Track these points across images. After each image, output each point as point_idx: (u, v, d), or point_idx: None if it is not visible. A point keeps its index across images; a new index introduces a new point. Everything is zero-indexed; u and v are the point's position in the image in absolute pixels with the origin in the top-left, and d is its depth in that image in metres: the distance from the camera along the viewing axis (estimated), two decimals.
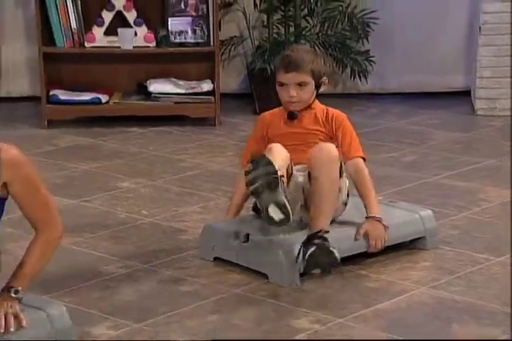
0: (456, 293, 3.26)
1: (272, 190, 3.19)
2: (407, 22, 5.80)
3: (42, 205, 2.79)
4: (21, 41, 5.64)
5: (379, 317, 3.09)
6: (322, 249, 3.24)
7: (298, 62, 3.42)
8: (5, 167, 2.70)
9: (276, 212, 3.22)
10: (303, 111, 3.51)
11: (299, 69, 3.42)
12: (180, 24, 5.34)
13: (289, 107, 3.49)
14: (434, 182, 4.44)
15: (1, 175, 2.70)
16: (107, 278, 3.38)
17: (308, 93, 3.46)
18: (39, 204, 2.78)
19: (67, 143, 5.06)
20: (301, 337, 2.95)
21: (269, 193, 3.20)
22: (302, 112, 3.51)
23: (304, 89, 3.45)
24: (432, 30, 5.83)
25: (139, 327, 3.01)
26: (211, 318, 3.08)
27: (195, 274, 3.41)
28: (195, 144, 5.06)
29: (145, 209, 4.08)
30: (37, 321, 2.75)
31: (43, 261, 2.82)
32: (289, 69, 3.42)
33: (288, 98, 3.45)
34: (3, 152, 2.71)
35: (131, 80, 5.49)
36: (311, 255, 3.22)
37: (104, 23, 5.32)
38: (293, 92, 3.43)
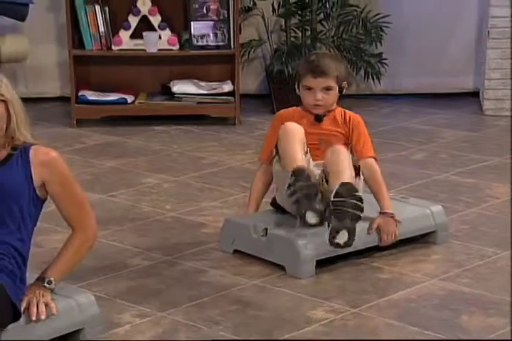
0: (465, 285, 3.26)
1: (310, 200, 3.22)
2: (418, 26, 5.78)
3: (78, 206, 2.81)
4: (52, 44, 5.65)
5: (391, 307, 3.10)
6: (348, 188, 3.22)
7: (325, 68, 3.44)
8: (44, 168, 2.73)
9: (312, 217, 3.26)
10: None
11: (327, 75, 3.43)
12: (203, 28, 5.35)
13: (313, 110, 3.50)
14: (443, 179, 4.43)
15: (41, 175, 2.73)
16: (133, 269, 3.40)
17: (332, 97, 3.48)
18: (76, 205, 2.80)
19: (95, 141, 5.07)
20: (316, 326, 2.95)
21: (307, 202, 3.23)
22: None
23: (329, 93, 3.46)
24: (443, 33, 5.82)
25: (163, 316, 3.02)
26: (231, 308, 3.09)
27: (216, 266, 3.42)
28: (216, 142, 5.06)
29: (168, 204, 4.09)
30: (67, 309, 2.77)
31: (77, 258, 2.84)
32: (317, 74, 3.43)
33: (314, 101, 3.46)
34: (43, 154, 2.75)
35: (156, 81, 5.50)
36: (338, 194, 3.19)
37: (131, 27, 5.32)
38: (319, 96, 3.44)
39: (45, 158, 2.74)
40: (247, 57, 5.70)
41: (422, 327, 2.94)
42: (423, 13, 5.76)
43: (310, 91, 3.46)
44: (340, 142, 3.48)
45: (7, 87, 2.68)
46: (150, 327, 2.95)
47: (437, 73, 5.86)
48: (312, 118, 3.52)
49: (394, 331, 2.93)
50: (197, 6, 5.34)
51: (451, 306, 3.10)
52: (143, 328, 2.94)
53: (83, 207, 2.83)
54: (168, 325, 2.96)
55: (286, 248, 3.34)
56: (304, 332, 2.92)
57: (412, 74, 5.87)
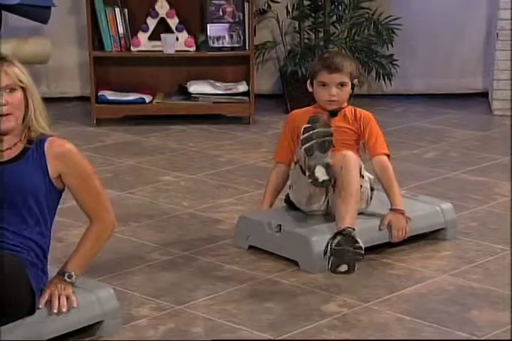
0: (474, 281, 3.25)
1: (323, 151, 3.23)
2: (429, 28, 5.77)
3: (95, 198, 2.80)
4: (73, 46, 5.67)
5: (402, 302, 3.09)
6: (348, 239, 3.22)
7: (340, 64, 3.45)
8: (61, 160, 2.72)
9: (321, 172, 3.25)
10: None
11: (341, 71, 3.44)
12: (219, 30, 5.35)
13: (327, 106, 3.49)
14: (453, 177, 4.42)
15: (57, 167, 2.72)
16: (151, 264, 3.40)
17: (346, 93, 3.48)
18: (92, 196, 2.79)
19: (114, 140, 5.08)
20: (329, 320, 2.95)
21: (320, 154, 3.23)
22: None
23: (343, 89, 3.46)
24: (452, 35, 5.81)
25: (181, 309, 3.03)
26: (247, 301, 3.09)
27: (232, 261, 3.42)
28: (231, 141, 5.07)
29: (185, 201, 4.09)
30: (87, 302, 2.78)
31: (95, 249, 2.84)
32: (333, 70, 3.43)
33: (329, 97, 3.46)
34: (59, 146, 2.73)
35: (173, 82, 5.51)
36: (338, 244, 3.21)
37: (149, 29, 5.33)
38: (334, 92, 3.45)
39: (60, 150, 2.72)
40: (262, 59, 5.70)
41: (432, 321, 2.94)
42: (433, 16, 5.75)
43: (324, 87, 3.46)
44: (352, 139, 3.47)
45: (26, 75, 2.67)
46: (167, 320, 2.95)
47: (447, 74, 5.86)
48: (325, 116, 3.51)
49: (404, 325, 2.93)
50: (213, 8, 5.35)
51: (460, 301, 3.09)
52: (160, 321, 2.94)
53: (100, 198, 2.81)
54: (185, 318, 2.96)
55: (300, 244, 3.34)
56: (318, 326, 2.92)
57: (423, 75, 5.86)
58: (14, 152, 2.71)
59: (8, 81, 2.61)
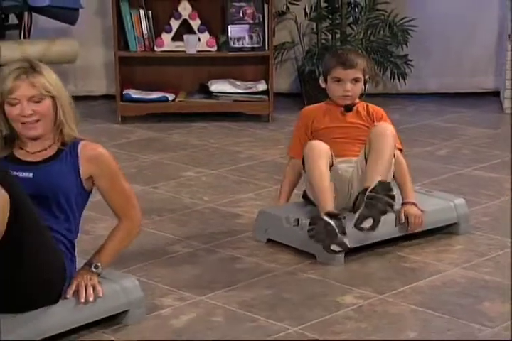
0: (486, 274, 3.24)
1: (332, 237, 3.19)
2: (442, 29, 5.75)
3: (124, 198, 2.83)
4: (100, 46, 5.69)
5: (416, 294, 3.08)
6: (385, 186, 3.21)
7: (354, 60, 3.45)
8: (93, 162, 2.75)
9: (336, 247, 3.22)
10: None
11: (355, 67, 3.44)
12: (239, 31, 5.35)
13: (342, 101, 3.49)
14: (466, 174, 4.40)
15: (88, 170, 2.75)
16: (173, 256, 3.41)
17: (359, 88, 3.48)
18: (121, 197, 2.82)
19: (139, 137, 5.09)
20: (345, 311, 2.95)
21: (330, 239, 3.19)
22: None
23: (357, 85, 3.46)
24: (465, 36, 5.79)
25: (202, 300, 3.03)
26: (265, 292, 3.09)
27: (251, 254, 3.42)
28: (251, 138, 5.07)
29: (206, 196, 4.10)
30: (113, 292, 2.80)
31: (123, 245, 2.87)
32: (347, 66, 3.43)
33: (343, 92, 3.45)
34: (91, 150, 2.76)
35: (195, 81, 5.51)
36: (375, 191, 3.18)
37: (172, 30, 5.34)
38: (349, 87, 3.44)
39: (93, 154, 2.75)
40: (280, 59, 5.70)
41: (445, 312, 2.93)
42: (446, 17, 5.73)
43: (339, 83, 3.45)
44: (365, 134, 3.45)
45: (56, 83, 2.69)
46: (189, 309, 2.96)
47: (460, 74, 5.84)
48: (338, 111, 3.50)
49: (418, 316, 2.92)
50: (234, 10, 5.35)
51: (472, 293, 3.09)
52: (183, 311, 2.95)
53: (129, 198, 2.84)
54: (206, 308, 2.97)
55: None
56: (334, 316, 2.91)
57: (436, 74, 5.84)
58: (48, 153, 2.74)
59: (34, 92, 2.64)
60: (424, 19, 5.64)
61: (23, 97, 2.63)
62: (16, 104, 2.65)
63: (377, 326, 2.85)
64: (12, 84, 2.62)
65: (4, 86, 2.63)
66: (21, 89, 2.63)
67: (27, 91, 2.63)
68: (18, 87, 2.63)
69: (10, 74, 2.64)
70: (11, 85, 2.62)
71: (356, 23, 5.62)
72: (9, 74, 2.64)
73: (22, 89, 2.63)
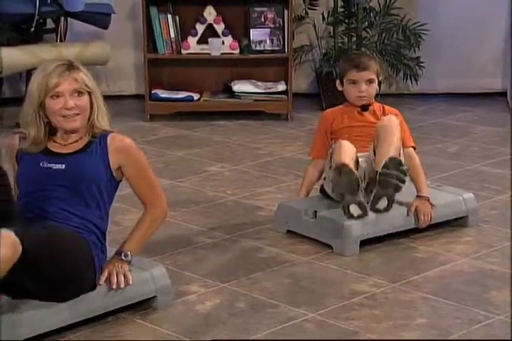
0: (493, 264, 3.23)
1: (353, 193, 3.20)
2: (452, 33, 5.73)
3: (150, 187, 2.83)
4: (130, 49, 5.70)
5: (427, 282, 3.08)
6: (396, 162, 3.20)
7: (367, 62, 3.45)
8: (121, 153, 2.75)
9: (355, 209, 3.24)
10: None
11: (369, 69, 3.43)
12: (260, 34, 5.35)
13: (358, 102, 3.48)
14: (474, 170, 4.38)
15: (117, 160, 2.75)
16: (198, 246, 3.41)
17: (374, 89, 3.47)
18: (147, 186, 2.83)
19: (166, 134, 5.10)
20: (360, 298, 2.94)
21: (351, 196, 3.21)
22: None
23: (371, 85, 3.45)
24: (474, 40, 5.76)
25: (225, 287, 3.04)
26: (285, 280, 3.10)
27: (271, 244, 3.42)
28: (271, 135, 5.06)
29: (229, 189, 4.10)
30: (142, 280, 2.81)
31: (150, 233, 2.87)
32: (361, 68, 3.42)
33: (359, 93, 3.44)
34: (120, 140, 2.77)
35: (219, 81, 5.51)
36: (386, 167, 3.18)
37: (198, 33, 5.34)
38: (363, 88, 3.43)
39: (121, 145, 2.76)
40: (299, 61, 5.69)
41: (454, 300, 2.93)
42: (456, 22, 5.70)
43: (354, 85, 3.44)
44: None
45: (91, 80, 2.72)
46: (213, 296, 2.97)
47: (469, 75, 5.81)
48: (355, 111, 3.50)
49: (428, 304, 2.92)
50: (256, 15, 5.35)
51: (480, 282, 3.07)
52: (207, 297, 2.96)
53: (155, 188, 2.85)
54: (229, 295, 2.98)
55: (334, 229, 3.33)
56: (349, 303, 2.91)
57: (446, 75, 5.82)
58: (80, 144, 2.75)
59: (76, 86, 2.67)
60: (436, 24, 5.62)
61: (67, 91, 2.65)
62: (57, 98, 2.66)
63: (390, 313, 2.85)
64: (57, 79, 2.64)
65: (49, 81, 2.64)
66: (65, 84, 2.65)
67: (70, 85, 2.65)
68: (62, 82, 2.65)
69: (54, 70, 2.66)
70: (56, 80, 2.64)
71: (371, 27, 5.60)
72: (53, 71, 2.66)
73: (66, 84, 2.65)
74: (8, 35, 5.17)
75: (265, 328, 2.74)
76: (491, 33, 5.75)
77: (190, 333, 2.71)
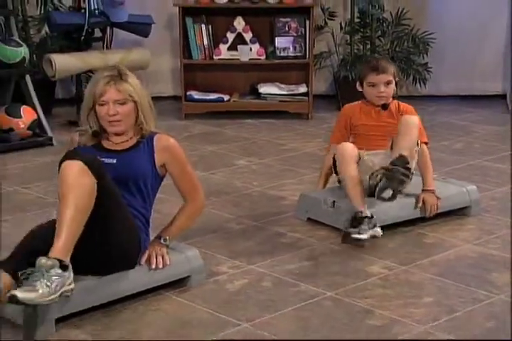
0: (494, 249, 3.21)
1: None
2: (457, 41, 5.68)
3: (190, 183, 2.85)
4: (168, 55, 5.69)
5: (434, 265, 3.07)
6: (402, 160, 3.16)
7: (385, 67, 3.41)
8: (166, 152, 2.78)
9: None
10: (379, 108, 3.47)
11: (387, 72, 3.40)
12: (284, 42, 5.33)
13: (378, 102, 3.45)
14: (477, 165, 4.35)
15: (162, 158, 2.78)
16: (228, 231, 3.42)
17: (391, 89, 3.44)
18: (188, 181, 2.84)
19: (199, 131, 5.10)
20: (373, 279, 2.94)
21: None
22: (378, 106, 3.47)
23: (389, 86, 3.42)
24: (476, 47, 5.71)
25: (252, 268, 3.04)
26: (305, 263, 3.10)
27: (293, 230, 3.42)
28: (293, 133, 5.05)
29: (255, 181, 4.09)
30: (178, 261, 2.82)
31: (187, 223, 2.90)
32: (380, 71, 3.39)
33: (378, 94, 3.42)
34: (165, 140, 2.79)
35: (246, 84, 5.51)
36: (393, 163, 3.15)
37: (228, 41, 5.33)
38: (382, 89, 3.40)
39: (166, 144, 2.79)
40: (319, 66, 5.66)
41: (458, 281, 2.91)
42: (461, 31, 5.66)
43: (374, 87, 3.41)
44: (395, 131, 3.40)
45: (138, 88, 2.73)
46: (241, 276, 2.97)
47: (472, 79, 5.77)
48: (373, 111, 3.47)
49: (434, 284, 2.91)
50: (280, 24, 5.33)
51: (482, 266, 3.06)
52: (236, 277, 2.96)
53: (194, 183, 2.87)
54: (255, 275, 2.98)
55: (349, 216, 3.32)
56: (364, 284, 2.91)
57: (452, 79, 5.77)
58: (129, 143, 2.78)
59: (119, 97, 2.68)
60: (442, 33, 5.58)
61: (110, 100, 2.67)
62: (104, 105, 2.68)
63: (400, 292, 2.84)
64: (102, 88, 2.67)
65: (96, 89, 2.67)
66: (109, 94, 2.67)
67: (113, 95, 2.67)
68: (107, 92, 2.67)
69: (101, 79, 2.68)
70: (102, 89, 2.67)
71: (384, 36, 5.57)
72: (100, 80, 2.68)
73: (109, 94, 2.67)
74: (61, 43, 5.22)
75: (288, 305, 2.74)
76: (491, 41, 5.69)
77: (220, 309, 2.71)
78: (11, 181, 4.04)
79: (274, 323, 2.62)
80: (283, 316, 2.67)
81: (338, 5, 5.68)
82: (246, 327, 2.59)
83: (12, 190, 3.91)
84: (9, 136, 4.60)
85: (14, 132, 4.61)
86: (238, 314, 2.68)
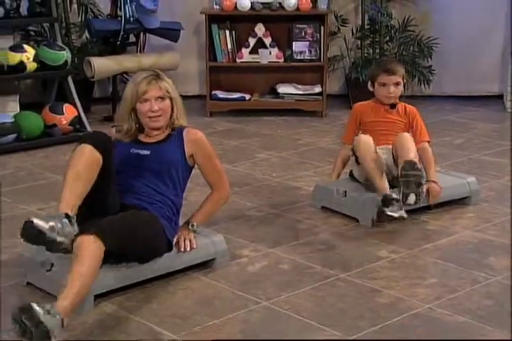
0: (492, 235, 3.19)
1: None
2: (458, 46, 5.61)
3: (217, 173, 2.85)
4: (195, 58, 5.67)
5: (437, 250, 3.05)
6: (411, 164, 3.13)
7: (395, 68, 3.37)
8: (194, 143, 2.78)
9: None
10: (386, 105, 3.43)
11: (397, 73, 3.36)
12: (301, 46, 5.30)
13: (387, 101, 3.42)
14: (476, 158, 4.31)
15: (191, 149, 2.78)
16: (249, 218, 3.41)
17: (400, 90, 3.40)
18: (215, 171, 2.84)
19: (223, 127, 5.09)
20: (381, 262, 2.92)
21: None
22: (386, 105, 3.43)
23: (398, 87, 3.38)
24: (476, 51, 5.64)
25: (271, 251, 3.04)
26: (320, 247, 3.08)
27: (309, 217, 3.41)
28: (308, 129, 5.02)
29: (274, 173, 4.08)
30: (204, 245, 2.83)
31: (213, 210, 2.90)
32: (391, 73, 3.35)
33: (388, 94, 3.38)
34: (194, 133, 2.80)
35: (266, 84, 5.48)
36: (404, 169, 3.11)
37: (250, 45, 5.30)
38: (392, 90, 3.37)
39: (194, 137, 2.79)
40: (332, 68, 5.63)
41: (459, 264, 2.90)
42: (462, 37, 5.59)
43: (384, 87, 3.37)
44: (402, 129, 3.40)
45: (172, 86, 2.74)
46: (261, 259, 2.97)
47: (471, 80, 5.70)
48: (382, 109, 3.44)
49: (437, 267, 2.89)
50: (297, 30, 5.30)
51: (481, 250, 3.04)
52: (257, 260, 2.96)
53: (220, 173, 2.86)
54: (274, 258, 2.97)
55: (361, 205, 3.31)
56: (373, 266, 2.89)
57: (453, 81, 5.72)
58: (162, 136, 2.79)
59: (159, 93, 2.70)
60: (445, 38, 5.52)
61: (153, 97, 2.68)
62: (146, 102, 2.69)
63: (406, 274, 2.82)
64: (145, 87, 2.68)
65: (139, 89, 2.68)
66: (151, 91, 2.68)
67: (155, 92, 2.68)
68: (149, 90, 2.68)
69: (143, 80, 2.69)
70: (145, 88, 2.67)
71: (391, 41, 5.52)
72: (143, 80, 2.69)
73: (151, 91, 2.68)
74: (99, 48, 5.23)
75: (304, 285, 2.74)
76: (489, 47, 5.62)
77: (241, 288, 2.71)
78: (55, 171, 4.07)
79: (291, 301, 2.62)
80: (299, 295, 2.66)
81: (350, 13, 5.64)
82: (265, 305, 2.59)
83: (55, 179, 3.94)
84: (53, 131, 4.63)
85: (57, 127, 4.63)
86: (258, 293, 2.67)
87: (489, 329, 2.42)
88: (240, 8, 5.16)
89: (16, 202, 3.59)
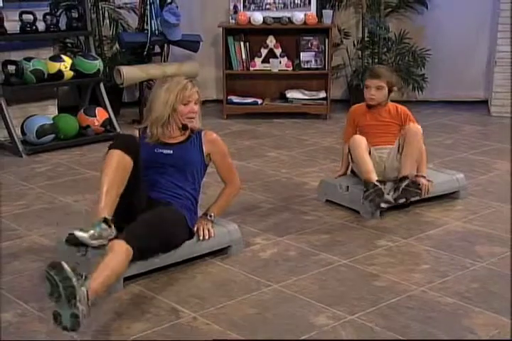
0: (478, 226, 3.16)
1: (381, 196, 3.10)
2: (448, 57, 5.58)
3: (229, 169, 2.85)
4: (213, 66, 5.67)
5: (429, 239, 3.02)
6: (410, 183, 3.16)
7: (378, 73, 3.31)
8: (211, 144, 2.78)
9: (384, 204, 3.13)
10: (379, 108, 3.36)
11: (379, 78, 3.29)
12: (308, 56, 5.28)
13: (369, 102, 3.37)
14: (464, 157, 4.27)
15: (208, 149, 2.78)
16: (260, 210, 3.40)
17: (382, 94, 3.31)
18: (228, 169, 2.85)
19: (237, 128, 5.08)
20: (380, 250, 2.90)
21: (379, 198, 3.10)
22: (378, 108, 3.36)
23: (379, 91, 3.31)
24: (464, 62, 5.60)
25: (281, 240, 3.02)
26: (324, 236, 3.07)
27: (314, 209, 3.39)
28: (314, 130, 5.00)
29: (283, 169, 4.06)
30: (221, 233, 2.81)
31: (227, 202, 2.90)
32: (373, 77, 3.31)
33: (370, 95, 3.34)
34: (210, 135, 2.81)
35: (276, 90, 5.46)
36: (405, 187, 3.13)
37: (262, 55, 5.29)
38: (373, 92, 3.32)
39: (211, 138, 2.79)
40: (336, 76, 5.61)
41: (449, 252, 2.87)
42: (452, 48, 5.56)
43: (368, 89, 3.33)
44: (395, 129, 3.33)
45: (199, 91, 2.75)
46: (272, 246, 2.96)
47: (460, 87, 5.67)
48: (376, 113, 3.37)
49: (430, 254, 2.87)
50: (304, 42, 5.28)
51: (468, 239, 3.01)
52: (267, 247, 2.95)
53: (232, 170, 2.86)
54: (283, 246, 2.96)
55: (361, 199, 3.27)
56: (372, 253, 2.88)
57: (444, 87, 5.68)
58: (183, 138, 2.79)
59: (199, 96, 2.73)
60: (437, 49, 5.49)
61: (193, 100, 2.70)
62: (188, 105, 2.69)
63: (402, 260, 2.80)
64: (190, 91, 2.69)
65: (185, 92, 2.69)
66: (194, 95, 2.71)
67: (197, 96, 2.72)
68: (193, 94, 2.70)
69: (187, 85, 2.70)
70: (189, 92, 2.69)
71: (389, 52, 5.49)
72: (186, 85, 2.70)
73: (195, 95, 2.71)
74: (128, 58, 5.23)
75: (310, 270, 2.72)
76: (476, 58, 5.58)
77: (254, 272, 2.71)
78: (88, 168, 4.07)
79: (298, 284, 2.60)
80: (306, 279, 2.65)
81: (351, 26, 5.62)
82: (275, 287, 2.58)
83: (89, 175, 3.94)
84: (87, 131, 4.64)
85: (90, 128, 4.64)
86: (269, 276, 2.66)
87: (475, 309, 2.40)
88: (253, 22, 5.15)
89: (56, 194, 3.60)
